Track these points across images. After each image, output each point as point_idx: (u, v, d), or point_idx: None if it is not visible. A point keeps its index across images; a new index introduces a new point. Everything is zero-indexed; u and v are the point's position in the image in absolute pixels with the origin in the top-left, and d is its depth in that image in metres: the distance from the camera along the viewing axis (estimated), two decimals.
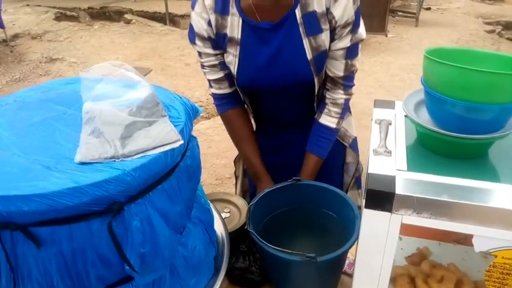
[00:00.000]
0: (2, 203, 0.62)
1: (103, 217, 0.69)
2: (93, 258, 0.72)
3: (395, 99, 1.02)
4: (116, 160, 0.72)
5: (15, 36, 6.46)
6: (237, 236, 1.17)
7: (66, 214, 0.66)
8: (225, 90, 1.28)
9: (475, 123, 0.73)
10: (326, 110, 1.26)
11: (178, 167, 0.81)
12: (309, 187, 1.16)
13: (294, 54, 1.14)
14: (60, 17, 7.60)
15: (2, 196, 0.62)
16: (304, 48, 1.13)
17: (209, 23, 1.15)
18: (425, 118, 0.81)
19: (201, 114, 4.02)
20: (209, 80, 1.28)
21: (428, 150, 0.80)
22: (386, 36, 6.17)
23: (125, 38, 6.57)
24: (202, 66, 1.26)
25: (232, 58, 1.18)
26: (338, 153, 1.44)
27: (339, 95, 1.23)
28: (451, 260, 0.90)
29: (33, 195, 0.63)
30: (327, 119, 1.26)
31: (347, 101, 1.26)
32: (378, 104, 0.94)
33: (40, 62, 5.59)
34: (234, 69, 1.19)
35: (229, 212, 1.29)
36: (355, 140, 1.48)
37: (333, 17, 1.10)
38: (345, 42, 1.13)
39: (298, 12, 1.11)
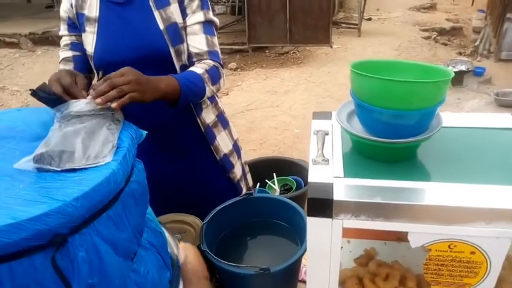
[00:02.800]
0: None
1: (45, 251, 0.67)
2: None
3: None
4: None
5: None
6: None
7: (5, 252, 0.63)
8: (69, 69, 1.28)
9: (400, 128, 0.78)
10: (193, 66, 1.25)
11: (123, 193, 0.80)
12: (260, 200, 1.19)
13: (147, 25, 1.24)
14: (0, 44, 7.26)
15: None
16: (156, 20, 1.23)
17: (71, 4, 1.27)
18: (357, 126, 0.86)
19: None
20: (60, 60, 1.33)
21: (363, 156, 0.85)
22: (331, 47, 6.43)
23: None
24: (60, 49, 1.35)
25: (91, 36, 1.26)
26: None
27: (208, 61, 1.25)
28: (395, 257, 0.95)
29: None
30: (193, 67, 1.23)
31: (215, 68, 1.25)
32: (316, 115, 0.99)
33: None
34: (91, 47, 1.26)
35: (184, 232, 1.29)
36: (226, 155, 1.44)
37: None
38: (198, 16, 1.25)
39: None
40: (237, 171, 1.46)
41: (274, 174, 2.33)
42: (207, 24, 1.27)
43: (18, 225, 0.63)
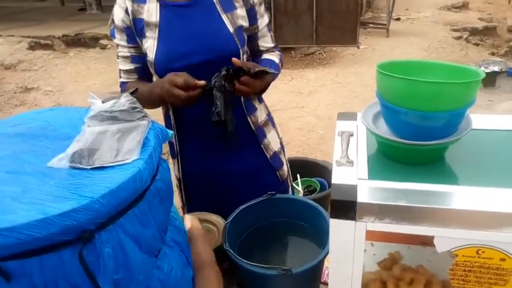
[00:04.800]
0: None
1: (73, 246, 0.69)
2: None
3: None
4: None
5: None
6: (217, 255, 1.18)
7: (35, 246, 0.66)
8: (132, 80, 1.34)
9: (428, 130, 0.77)
10: (265, 54, 1.39)
11: (149, 191, 0.82)
12: (283, 200, 1.19)
13: (216, 28, 1.23)
14: (35, 46, 7.54)
15: None
16: (225, 23, 1.23)
17: (126, 11, 1.23)
18: (383, 128, 0.85)
19: None
20: (120, 70, 1.35)
21: (388, 159, 0.83)
22: (358, 48, 6.34)
23: (101, 63, 6.56)
24: (117, 57, 1.34)
25: (151, 42, 1.23)
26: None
27: (276, 52, 1.39)
28: (420, 262, 0.93)
29: (1, 230, 0.63)
30: (267, 55, 1.38)
31: (281, 57, 1.41)
32: (341, 116, 0.98)
33: (15, 93, 5.52)
34: (152, 53, 1.23)
35: (207, 231, 1.30)
36: (275, 153, 1.47)
37: None
38: (265, 19, 1.33)
39: None
40: (285, 169, 1.49)
41: (298, 175, 2.32)
42: (268, 23, 1.35)
43: (48, 220, 0.65)
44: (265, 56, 1.38)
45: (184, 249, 1.01)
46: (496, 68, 4.89)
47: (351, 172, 0.78)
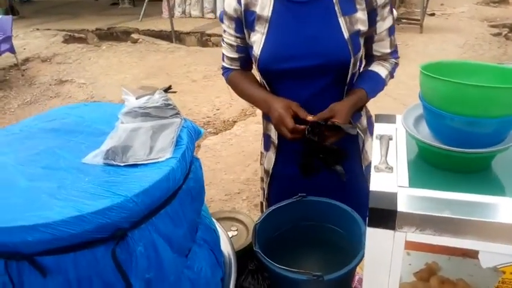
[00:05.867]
0: (8, 234, 0.64)
1: (106, 244, 0.69)
2: (98, 285, 0.72)
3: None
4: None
5: (26, 60, 6.61)
6: (245, 254, 1.17)
7: (70, 242, 0.67)
8: (235, 67, 1.32)
9: (475, 136, 0.72)
10: (374, 63, 1.27)
11: (181, 190, 0.81)
12: (315, 203, 1.16)
13: (330, 33, 1.13)
14: (69, 39, 7.76)
15: (7, 227, 0.63)
16: (341, 27, 1.13)
17: (239, 1, 1.18)
18: (425, 132, 0.81)
19: (209, 130, 4.05)
20: (223, 54, 1.32)
21: (430, 165, 0.79)
22: None
23: (132, 57, 6.68)
24: (222, 40, 1.31)
25: (259, 36, 1.17)
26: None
27: (391, 60, 1.28)
28: (460, 275, 0.89)
29: (38, 225, 0.64)
30: (375, 66, 1.26)
31: (396, 65, 1.29)
32: (380, 118, 0.94)
33: (50, 85, 5.70)
34: (258, 48, 1.17)
35: (236, 230, 1.29)
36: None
37: None
38: (388, 22, 1.19)
39: None
40: None
41: None
42: (393, 25, 1.22)
43: (82, 217, 0.66)
44: (373, 66, 1.26)
45: (213, 248, 1.00)
46: None
47: (391, 179, 0.74)
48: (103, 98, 4.98)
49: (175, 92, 1.03)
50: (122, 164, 0.79)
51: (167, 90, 1.03)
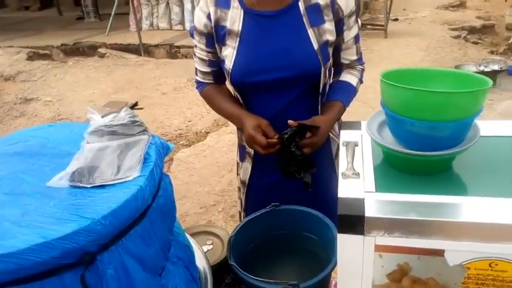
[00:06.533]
0: None
1: (75, 269, 0.68)
2: None
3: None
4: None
5: None
6: (221, 268, 1.16)
7: (36, 271, 0.64)
8: (208, 81, 1.33)
9: (435, 140, 0.75)
10: (343, 73, 1.29)
11: (151, 209, 0.80)
12: (288, 212, 1.17)
13: (301, 44, 1.15)
14: (33, 56, 7.55)
15: None
16: (310, 39, 1.15)
17: (208, 16, 1.19)
18: (389, 138, 0.83)
19: (181, 142, 4.01)
20: (196, 69, 1.33)
21: (395, 169, 0.82)
22: None
23: (100, 72, 6.55)
24: (194, 55, 1.31)
25: (230, 50, 1.18)
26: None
27: (358, 67, 1.31)
28: (430, 273, 0.91)
29: (1, 256, 0.62)
30: (345, 76, 1.28)
31: (363, 71, 1.32)
32: (345, 125, 0.96)
33: (15, 104, 5.51)
34: (230, 62, 1.18)
35: (211, 243, 1.28)
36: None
37: (339, 7, 1.16)
38: (354, 30, 1.23)
39: (301, 5, 1.15)
40: None
41: None
42: (358, 34, 1.25)
43: (48, 244, 0.64)
44: (344, 76, 1.28)
45: (188, 264, 0.99)
46: (496, 67, 4.87)
47: (358, 185, 0.76)
48: (70, 115, 4.86)
49: (141, 109, 1.02)
50: (89, 186, 0.77)
51: (133, 106, 1.03)
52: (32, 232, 0.65)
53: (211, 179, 3.33)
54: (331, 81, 1.31)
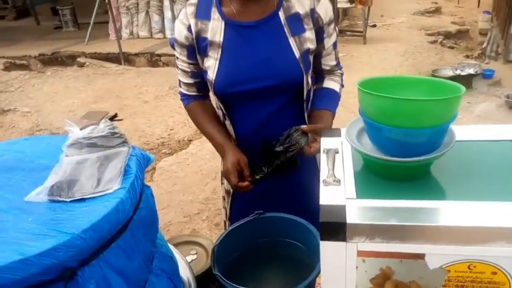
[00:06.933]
0: None
1: (55, 286, 0.66)
2: None
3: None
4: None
5: None
6: (206, 278, 1.16)
7: None
8: (192, 93, 1.33)
9: (412, 146, 0.76)
10: (325, 80, 1.32)
11: (132, 221, 0.80)
12: (272, 219, 1.17)
13: (282, 54, 1.17)
14: (10, 66, 7.39)
15: None
16: (291, 48, 1.17)
17: (189, 28, 1.19)
18: (368, 144, 0.85)
19: (164, 151, 3.97)
20: (179, 80, 1.32)
21: (375, 175, 0.83)
22: None
23: (79, 81, 6.46)
24: (177, 67, 1.31)
25: (212, 62, 1.18)
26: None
27: (337, 72, 1.34)
28: (413, 277, 0.92)
29: None
30: (329, 83, 1.31)
31: (342, 75, 1.35)
32: (325, 133, 0.97)
33: None
34: (213, 73, 1.19)
35: (195, 253, 1.27)
36: None
37: (319, 16, 1.18)
38: (333, 38, 1.25)
39: (281, 15, 1.17)
40: None
41: None
42: (336, 40, 1.28)
43: (26, 261, 0.62)
44: (326, 84, 1.31)
45: (171, 276, 0.98)
46: (472, 71, 5.01)
47: (339, 192, 0.77)
48: (50, 125, 4.77)
49: (121, 120, 1.01)
50: (68, 200, 0.76)
51: (113, 118, 1.02)
52: (9, 249, 0.64)
53: (194, 187, 3.30)
54: (314, 87, 1.33)
